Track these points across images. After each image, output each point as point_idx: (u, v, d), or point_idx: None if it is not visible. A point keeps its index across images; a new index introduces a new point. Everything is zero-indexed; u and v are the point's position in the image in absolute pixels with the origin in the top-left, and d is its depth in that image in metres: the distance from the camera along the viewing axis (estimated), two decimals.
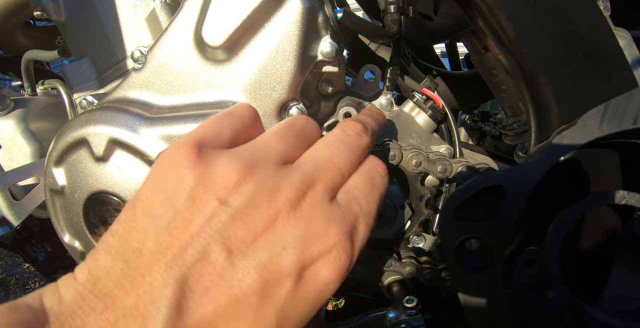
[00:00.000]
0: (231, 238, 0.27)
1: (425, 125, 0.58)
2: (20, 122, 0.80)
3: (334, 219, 0.30)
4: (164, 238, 0.27)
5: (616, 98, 0.34)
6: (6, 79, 1.36)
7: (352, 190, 0.34)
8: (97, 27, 0.55)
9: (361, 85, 0.59)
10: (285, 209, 0.29)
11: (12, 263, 2.51)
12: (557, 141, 0.35)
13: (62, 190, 0.51)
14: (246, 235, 0.28)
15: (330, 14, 0.47)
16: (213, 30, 0.45)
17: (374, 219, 0.34)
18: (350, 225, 0.31)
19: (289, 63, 0.45)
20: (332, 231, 0.30)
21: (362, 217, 0.32)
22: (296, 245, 0.28)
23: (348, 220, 0.31)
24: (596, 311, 0.39)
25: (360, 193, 0.34)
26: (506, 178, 0.35)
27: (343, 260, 0.30)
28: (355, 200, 0.33)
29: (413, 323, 0.54)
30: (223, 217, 0.28)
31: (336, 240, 0.29)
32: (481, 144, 1.53)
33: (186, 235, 0.27)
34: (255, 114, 0.36)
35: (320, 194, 0.31)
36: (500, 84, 0.85)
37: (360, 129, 0.37)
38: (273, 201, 0.29)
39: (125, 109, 0.47)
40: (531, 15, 0.44)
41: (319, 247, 0.29)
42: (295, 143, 0.34)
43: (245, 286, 0.27)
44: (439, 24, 0.92)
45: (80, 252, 0.54)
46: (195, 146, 0.30)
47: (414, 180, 0.53)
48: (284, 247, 0.28)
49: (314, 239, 0.29)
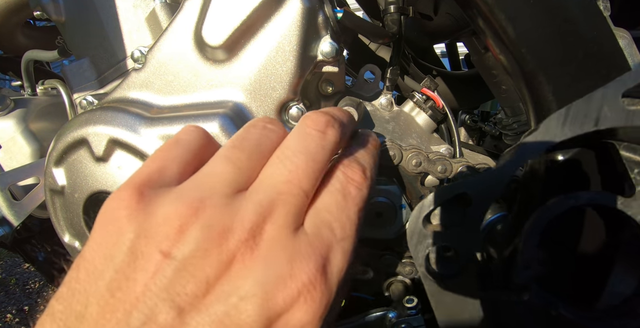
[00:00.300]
0: (180, 295, 0.24)
1: (425, 125, 0.58)
2: (20, 122, 0.80)
3: (300, 255, 0.26)
4: (106, 301, 0.24)
5: (577, 101, 0.34)
6: (6, 79, 1.36)
7: (321, 212, 0.29)
8: (97, 27, 0.55)
9: (361, 85, 0.59)
10: (239, 252, 0.25)
11: (12, 263, 2.51)
12: (521, 146, 0.36)
13: (62, 190, 0.51)
14: (197, 288, 0.24)
15: (330, 14, 0.47)
16: (213, 30, 0.45)
17: (352, 243, 0.29)
18: (321, 258, 0.27)
19: (289, 63, 0.45)
20: (298, 270, 0.25)
21: (336, 244, 0.28)
22: (256, 293, 0.24)
23: (318, 252, 0.27)
24: (571, 311, 0.39)
25: (331, 216, 0.29)
26: (471, 186, 0.36)
27: (317, 301, 0.26)
28: (325, 225, 0.28)
29: (413, 323, 0.55)
30: (168, 271, 0.24)
31: (304, 280, 0.25)
32: (481, 144, 1.53)
33: (130, 296, 0.24)
34: (204, 134, 0.32)
35: (280, 226, 0.27)
36: (500, 84, 0.85)
37: (324, 124, 0.31)
38: (224, 245, 0.25)
39: (125, 109, 0.47)
40: (531, 15, 0.44)
41: (284, 291, 0.25)
42: (249, 163, 0.29)
43: None
44: (439, 24, 0.92)
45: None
46: (136, 191, 0.27)
47: (414, 180, 0.53)
48: (242, 298, 0.24)
49: (277, 283, 0.25)
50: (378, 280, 0.57)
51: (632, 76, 0.33)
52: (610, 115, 0.34)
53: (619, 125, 0.34)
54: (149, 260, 0.25)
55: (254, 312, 0.24)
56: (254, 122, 0.33)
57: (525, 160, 0.36)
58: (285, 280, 0.25)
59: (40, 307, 2.03)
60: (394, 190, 0.50)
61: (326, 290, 0.26)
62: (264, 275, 0.25)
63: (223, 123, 0.45)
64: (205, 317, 0.24)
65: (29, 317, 1.94)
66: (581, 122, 0.34)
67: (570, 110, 0.34)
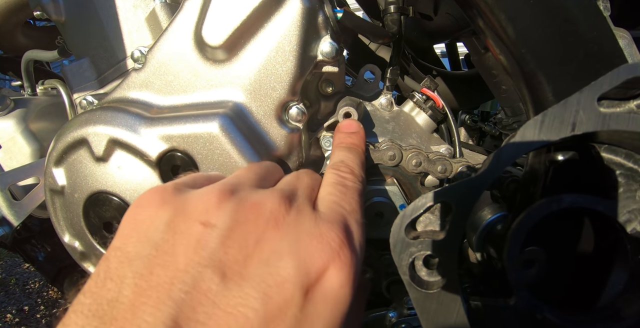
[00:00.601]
0: (222, 260, 0.25)
1: (425, 125, 0.58)
2: (20, 122, 0.80)
3: (323, 220, 0.30)
4: (144, 280, 0.24)
5: (553, 107, 0.34)
6: (6, 79, 1.36)
7: (327, 196, 0.34)
8: (97, 27, 0.55)
9: (361, 85, 0.59)
10: (272, 220, 0.28)
11: (12, 263, 2.51)
12: (497, 154, 0.36)
13: (62, 190, 0.51)
14: (238, 253, 0.26)
15: (330, 14, 0.47)
16: (213, 30, 0.45)
17: (361, 216, 0.34)
18: (341, 223, 0.30)
19: (289, 63, 0.45)
20: (325, 230, 0.29)
21: (349, 215, 0.32)
22: (292, 252, 0.26)
23: (337, 219, 0.31)
24: (556, 315, 0.39)
25: (336, 198, 0.34)
26: (451, 195, 0.36)
27: (348, 259, 0.28)
28: (334, 203, 0.33)
29: (413, 323, 0.55)
30: (210, 239, 0.26)
31: (334, 238, 0.28)
32: (481, 144, 1.53)
33: (170, 270, 0.25)
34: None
35: (302, 202, 0.31)
36: (500, 84, 0.85)
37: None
38: (260, 213, 0.28)
39: (125, 109, 0.47)
40: (531, 15, 0.44)
41: (317, 248, 0.27)
42: (266, 175, 0.36)
43: (246, 310, 0.24)
44: (439, 24, 0.92)
45: (80, 252, 0.54)
46: (168, 186, 0.30)
47: (414, 180, 0.53)
48: (281, 257, 0.26)
49: (310, 242, 0.27)
50: (378, 280, 0.57)
51: (607, 79, 0.33)
52: (587, 120, 0.34)
53: (595, 130, 0.34)
54: (189, 232, 0.26)
55: (292, 268, 0.25)
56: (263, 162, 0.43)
57: (503, 167, 0.36)
58: (317, 238, 0.28)
59: (40, 307, 2.03)
60: (394, 190, 0.50)
61: (353, 252, 0.29)
62: (297, 237, 0.27)
63: (223, 123, 0.45)
64: (248, 280, 0.25)
65: (29, 317, 1.94)
66: (558, 128, 0.34)
67: (546, 116, 0.34)
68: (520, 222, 0.39)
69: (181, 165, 0.46)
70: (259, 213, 0.28)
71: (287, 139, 0.48)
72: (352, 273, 0.28)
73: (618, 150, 0.39)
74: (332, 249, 0.27)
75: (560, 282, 0.45)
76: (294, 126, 0.49)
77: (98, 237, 0.51)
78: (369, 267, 0.56)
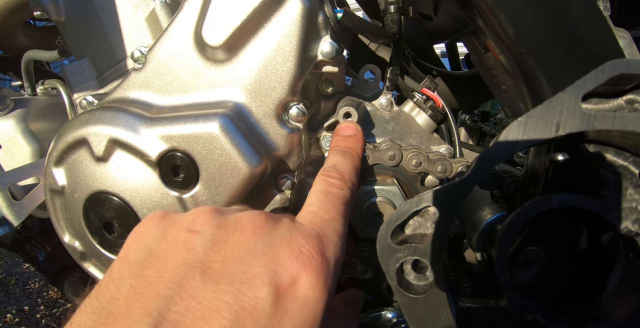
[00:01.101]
0: (203, 261, 0.29)
1: (425, 125, 0.58)
2: (20, 122, 0.80)
3: (298, 229, 0.32)
4: (139, 280, 0.28)
5: (535, 108, 0.34)
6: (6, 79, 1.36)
7: (306, 207, 0.37)
8: (97, 27, 0.55)
9: (361, 85, 0.59)
10: (251, 226, 0.32)
11: (12, 263, 2.51)
12: (479, 158, 0.36)
13: (62, 190, 0.51)
14: (217, 254, 0.29)
15: (330, 14, 0.47)
16: (213, 30, 0.45)
17: (341, 224, 0.36)
18: (315, 232, 0.33)
19: (289, 63, 0.45)
20: (297, 238, 0.31)
21: (326, 223, 0.34)
22: (265, 252, 0.29)
23: (311, 227, 0.33)
24: (547, 316, 0.39)
25: (315, 208, 0.36)
26: (435, 199, 0.36)
27: (318, 265, 0.30)
28: (312, 214, 0.35)
29: None
30: (195, 244, 0.30)
31: (304, 244, 0.31)
32: (481, 144, 1.53)
33: (160, 271, 0.28)
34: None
35: (279, 216, 0.34)
36: (500, 84, 0.85)
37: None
38: (240, 222, 0.32)
39: (125, 109, 0.47)
40: (531, 15, 0.44)
41: (287, 251, 0.30)
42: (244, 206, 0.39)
43: (220, 304, 0.26)
44: (439, 24, 0.92)
45: (80, 252, 0.54)
46: (161, 212, 0.35)
47: (413, 180, 0.53)
48: (254, 257, 0.29)
49: (281, 245, 0.30)
50: (378, 280, 0.57)
51: (592, 78, 0.33)
52: (571, 120, 0.33)
53: (580, 130, 0.33)
54: (178, 240, 0.31)
55: (263, 268, 0.28)
56: None
57: (486, 170, 0.36)
58: (288, 243, 0.30)
59: (40, 307, 2.03)
60: (394, 190, 0.50)
61: (324, 260, 0.31)
62: (271, 240, 0.31)
63: (223, 123, 0.45)
64: (224, 277, 0.28)
65: (29, 317, 1.94)
66: (542, 129, 0.34)
67: (529, 117, 0.34)
68: (510, 222, 0.38)
69: (181, 165, 0.46)
70: (240, 222, 0.32)
71: (287, 139, 0.48)
72: (323, 278, 0.30)
73: (608, 148, 0.38)
74: (302, 256, 0.30)
75: (557, 282, 0.45)
76: (294, 126, 0.49)
77: (98, 237, 0.51)
78: (369, 267, 0.56)
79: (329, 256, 0.32)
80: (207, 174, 0.46)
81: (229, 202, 0.47)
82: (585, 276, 0.44)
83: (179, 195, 0.47)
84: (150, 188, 0.47)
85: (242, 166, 0.45)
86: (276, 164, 0.49)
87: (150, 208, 0.48)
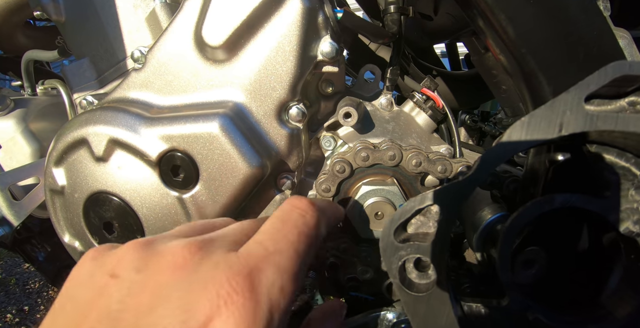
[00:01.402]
0: (118, 310, 0.26)
1: (425, 125, 0.58)
2: (20, 122, 0.80)
3: (227, 264, 0.28)
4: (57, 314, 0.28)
5: (539, 108, 0.34)
6: (6, 79, 1.36)
7: (257, 236, 0.32)
8: (97, 27, 0.55)
9: (361, 85, 0.59)
10: (172, 265, 0.28)
11: (12, 263, 2.51)
12: (482, 157, 0.36)
13: (62, 190, 0.51)
14: (132, 301, 0.27)
15: (330, 14, 0.47)
16: (213, 30, 0.45)
17: (288, 258, 0.30)
18: (245, 267, 0.28)
19: (289, 63, 0.45)
20: (220, 274, 0.27)
21: (268, 256, 0.29)
22: (179, 297, 0.26)
23: (243, 262, 0.28)
24: (548, 316, 0.39)
25: (264, 236, 0.31)
26: (438, 198, 0.36)
27: (240, 306, 0.26)
28: (257, 243, 0.31)
29: None
30: (113, 290, 0.27)
31: (224, 283, 0.26)
32: (481, 144, 1.53)
33: (76, 321, 0.27)
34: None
35: (216, 247, 0.30)
36: (500, 84, 0.85)
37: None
38: (161, 260, 0.29)
39: (125, 109, 0.47)
40: (531, 15, 0.44)
41: (204, 293, 0.26)
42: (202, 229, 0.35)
43: None
44: (439, 24, 0.92)
45: (80, 252, 0.54)
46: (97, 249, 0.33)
47: (413, 180, 0.53)
48: (168, 303, 0.26)
49: (199, 286, 0.26)
50: (378, 280, 0.57)
51: (594, 79, 0.33)
52: (574, 121, 0.33)
53: (583, 130, 0.34)
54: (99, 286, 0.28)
55: (173, 319, 0.25)
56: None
57: (489, 170, 0.36)
58: (208, 283, 0.26)
59: (40, 307, 2.03)
60: (394, 190, 0.50)
61: (252, 298, 0.26)
62: (190, 281, 0.27)
63: (223, 123, 0.45)
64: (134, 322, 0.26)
65: (29, 317, 1.94)
66: (545, 129, 0.34)
67: (533, 117, 0.34)
68: (512, 222, 0.39)
69: (181, 165, 0.46)
70: (161, 260, 0.29)
71: (287, 139, 0.48)
72: (244, 321, 0.25)
73: (610, 149, 0.39)
74: (220, 299, 0.26)
75: (557, 282, 0.45)
76: (294, 126, 0.49)
77: (98, 237, 0.51)
78: (369, 267, 0.56)
79: (259, 297, 0.27)
80: (207, 174, 0.46)
81: (229, 202, 0.47)
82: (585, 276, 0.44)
83: (179, 195, 0.47)
84: (150, 188, 0.47)
85: (242, 166, 0.45)
86: (276, 164, 0.49)
87: (150, 208, 0.48)
